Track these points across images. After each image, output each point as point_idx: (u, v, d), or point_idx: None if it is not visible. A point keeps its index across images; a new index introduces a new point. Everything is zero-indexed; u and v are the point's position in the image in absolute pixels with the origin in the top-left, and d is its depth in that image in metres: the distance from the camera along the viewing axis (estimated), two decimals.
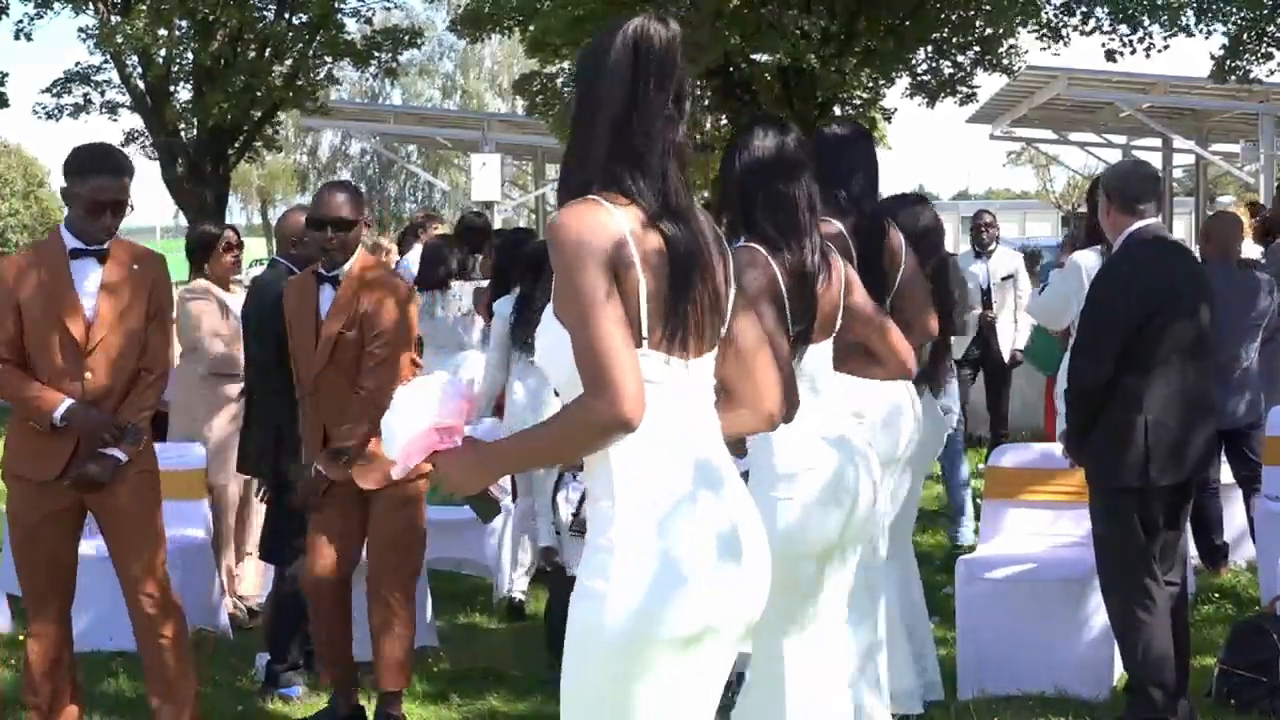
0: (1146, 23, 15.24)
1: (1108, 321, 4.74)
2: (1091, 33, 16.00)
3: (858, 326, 3.85)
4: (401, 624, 5.00)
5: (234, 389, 6.43)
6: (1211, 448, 4.90)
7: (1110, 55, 16.01)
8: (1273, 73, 16.77)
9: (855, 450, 3.71)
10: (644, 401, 2.42)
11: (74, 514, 4.67)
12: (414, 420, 2.59)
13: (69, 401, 4.48)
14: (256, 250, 36.07)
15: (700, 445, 2.57)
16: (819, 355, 3.72)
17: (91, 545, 6.23)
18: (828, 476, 3.62)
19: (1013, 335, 9.07)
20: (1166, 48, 15.89)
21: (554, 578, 5.83)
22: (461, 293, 7.73)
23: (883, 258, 4.47)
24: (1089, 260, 6.11)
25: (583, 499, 5.54)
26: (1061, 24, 16.20)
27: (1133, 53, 15.93)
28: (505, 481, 6.12)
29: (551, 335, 2.53)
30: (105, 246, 4.59)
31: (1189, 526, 5.19)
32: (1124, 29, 15.54)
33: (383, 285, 4.99)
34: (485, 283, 7.77)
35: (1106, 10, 15.52)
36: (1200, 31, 15.77)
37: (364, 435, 4.82)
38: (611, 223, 2.48)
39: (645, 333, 2.49)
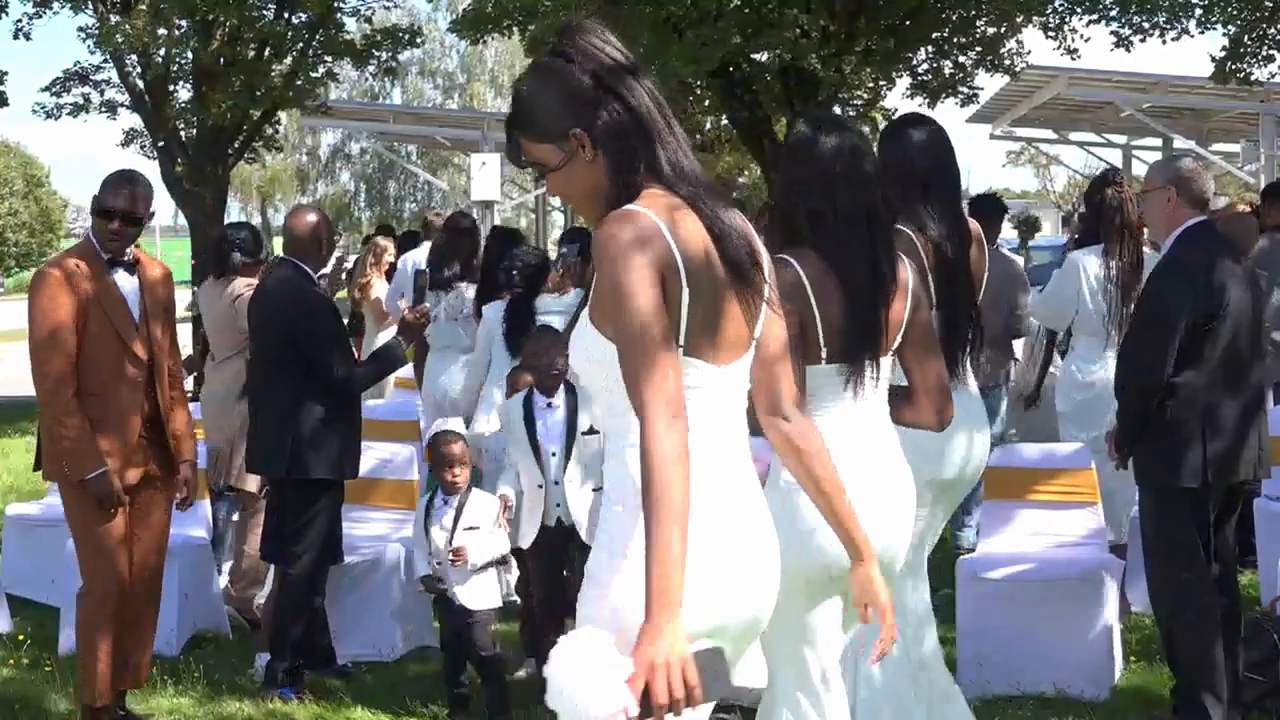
0: (1164, 1, 15.14)
1: (1167, 321, 4.58)
2: (1099, 21, 15.89)
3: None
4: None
5: None
6: (1266, 447, 4.77)
7: (1123, 43, 15.88)
8: (1273, 75, 16.74)
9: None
10: (683, 402, 2.40)
11: None
12: (598, 676, 2.34)
13: None
14: None
15: (722, 451, 2.55)
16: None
17: None
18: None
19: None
20: (1176, 38, 15.78)
21: (443, 608, 5.39)
22: (464, 295, 7.60)
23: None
24: (1088, 260, 6.11)
25: (455, 526, 5.23)
26: (1064, 21, 16.09)
27: (1143, 40, 15.84)
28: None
29: (590, 341, 2.53)
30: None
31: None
32: (1136, 17, 15.45)
33: (163, 269, 5.16)
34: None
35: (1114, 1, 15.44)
36: (1199, 31, 15.74)
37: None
38: (656, 229, 2.45)
39: (683, 340, 2.48)
